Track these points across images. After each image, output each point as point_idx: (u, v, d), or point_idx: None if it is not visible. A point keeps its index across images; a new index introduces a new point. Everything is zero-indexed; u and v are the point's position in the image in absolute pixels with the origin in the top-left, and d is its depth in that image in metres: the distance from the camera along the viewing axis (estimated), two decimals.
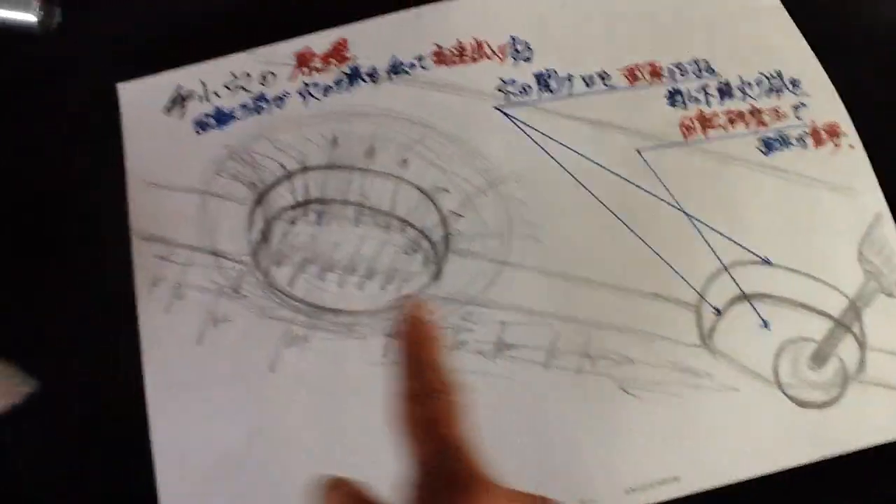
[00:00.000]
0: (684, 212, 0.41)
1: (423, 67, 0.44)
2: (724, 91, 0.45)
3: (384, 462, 0.36)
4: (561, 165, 0.42)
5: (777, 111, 0.44)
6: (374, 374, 0.38)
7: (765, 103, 0.44)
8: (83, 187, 0.44)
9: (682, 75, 0.45)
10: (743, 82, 0.45)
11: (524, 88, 0.44)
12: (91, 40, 0.46)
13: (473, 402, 0.37)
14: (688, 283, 0.40)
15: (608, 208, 0.41)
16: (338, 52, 0.45)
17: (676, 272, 0.40)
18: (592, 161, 0.42)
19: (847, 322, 0.40)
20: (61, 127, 0.44)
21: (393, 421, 0.25)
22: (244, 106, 0.44)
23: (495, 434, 0.37)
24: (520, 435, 0.37)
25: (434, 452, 0.24)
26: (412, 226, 0.41)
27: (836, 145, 0.44)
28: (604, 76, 0.44)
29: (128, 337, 0.40)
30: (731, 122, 0.44)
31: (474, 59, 0.45)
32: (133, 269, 0.41)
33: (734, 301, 0.40)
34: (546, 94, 0.44)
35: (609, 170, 0.42)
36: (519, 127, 0.43)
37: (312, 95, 0.44)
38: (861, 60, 0.46)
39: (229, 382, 0.39)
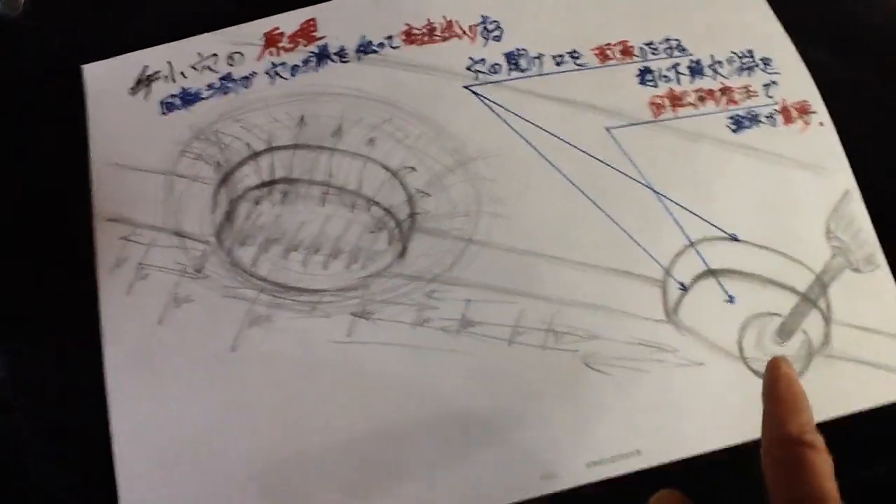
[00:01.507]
0: (652, 189, 0.44)
1: (392, 47, 0.48)
2: (695, 69, 0.48)
3: (347, 439, 0.40)
4: (529, 143, 0.45)
5: (748, 89, 0.47)
6: (339, 352, 0.41)
7: (735, 81, 0.48)
8: (47, 169, 0.46)
9: (654, 54, 0.48)
10: (714, 61, 0.48)
11: (494, 67, 0.47)
12: (57, 21, 0.49)
13: (438, 379, 0.40)
14: (654, 259, 0.43)
15: (576, 186, 0.44)
16: (306, 31, 0.48)
17: (643, 248, 0.43)
18: (561, 139, 0.45)
19: (813, 297, 0.43)
20: (26, 109, 0.47)
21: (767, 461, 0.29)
22: (210, 86, 0.47)
23: (458, 410, 0.40)
24: (483, 411, 0.40)
25: (798, 501, 0.27)
26: (378, 205, 0.44)
27: (805, 123, 0.47)
28: (575, 55, 0.48)
29: (89, 318, 0.42)
30: (702, 100, 0.47)
31: (444, 39, 0.48)
32: (95, 251, 0.44)
33: (700, 277, 0.43)
34: (516, 73, 0.47)
35: (578, 148, 0.45)
36: (488, 106, 0.46)
37: (280, 75, 0.47)
38: (833, 38, 0.50)
39: (191, 363, 0.41)
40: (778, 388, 0.31)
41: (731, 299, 0.43)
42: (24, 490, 0.42)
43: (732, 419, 0.41)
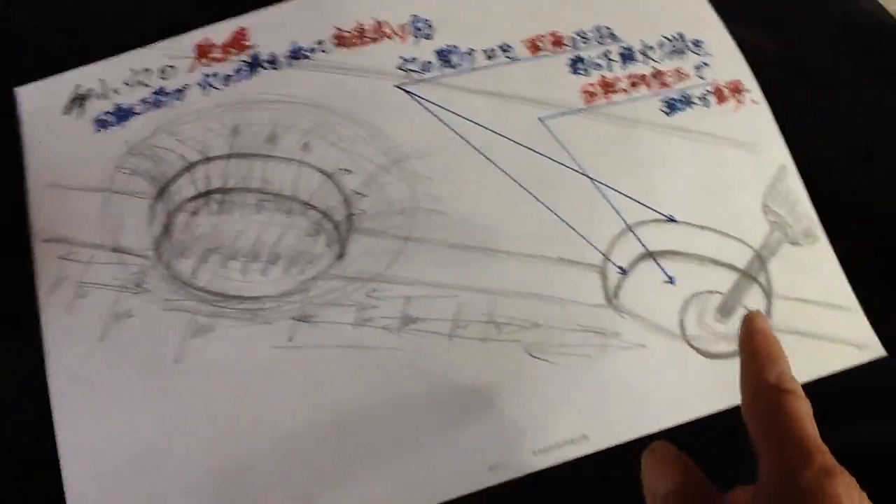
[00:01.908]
0: (588, 176, 0.45)
1: (323, 51, 0.48)
2: (627, 56, 0.49)
3: (294, 443, 0.40)
4: (463, 139, 0.46)
5: (679, 72, 0.48)
6: (281, 357, 0.42)
7: (667, 65, 0.49)
8: None
9: (585, 43, 0.49)
10: (645, 46, 0.49)
11: (425, 65, 0.48)
12: None
13: (381, 377, 0.41)
14: (592, 245, 0.44)
15: (511, 177, 0.45)
16: (237, 41, 0.49)
17: (581, 235, 0.44)
18: (495, 132, 0.46)
19: (753, 273, 0.44)
20: None
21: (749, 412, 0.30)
22: (144, 101, 0.48)
23: (403, 407, 0.41)
24: (427, 406, 0.41)
25: (780, 444, 0.28)
26: (315, 208, 0.45)
27: (738, 102, 0.48)
28: (506, 48, 0.49)
29: (31, 340, 0.43)
30: (634, 85, 0.48)
31: (375, 40, 0.49)
32: (35, 272, 0.44)
33: (639, 260, 0.44)
34: (448, 70, 0.48)
35: (512, 140, 0.46)
36: (421, 104, 0.47)
37: (212, 86, 0.48)
38: (764, 17, 0.51)
39: (134, 378, 0.42)
40: (754, 341, 0.32)
41: (670, 280, 0.43)
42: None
43: (677, 399, 0.41)
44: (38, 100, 0.48)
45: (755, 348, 0.31)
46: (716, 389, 0.41)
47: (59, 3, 0.52)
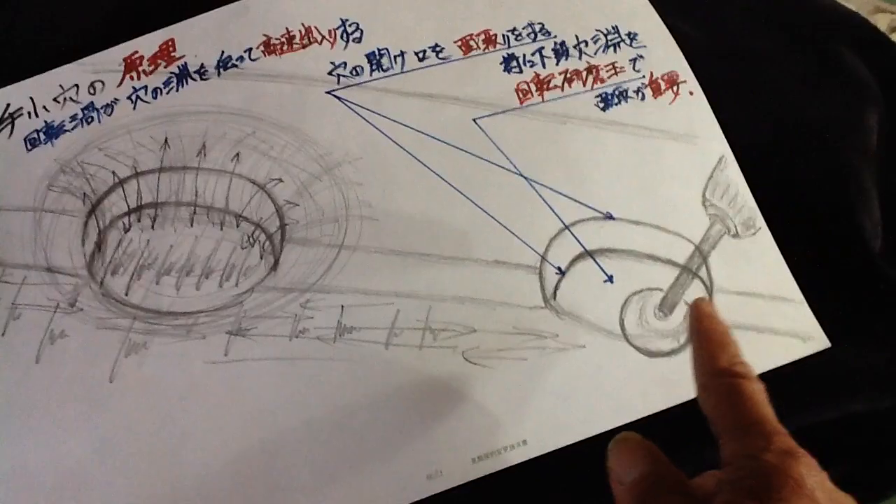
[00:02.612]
0: (523, 176, 0.45)
1: (252, 59, 0.48)
2: (560, 52, 0.48)
3: (230, 458, 0.40)
4: (395, 142, 0.45)
5: (614, 66, 0.48)
6: (216, 372, 0.41)
7: (602, 59, 0.48)
8: None
9: (518, 40, 0.48)
10: (579, 41, 0.48)
11: (356, 70, 0.47)
12: None
13: (317, 389, 0.40)
14: (529, 245, 0.43)
15: (445, 180, 0.44)
16: (165, 52, 0.48)
17: (517, 236, 0.43)
18: (427, 134, 0.45)
19: (693, 267, 0.43)
20: None
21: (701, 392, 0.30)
22: (74, 117, 0.47)
23: (339, 418, 0.40)
24: (364, 417, 0.40)
25: (739, 428, 0.28)
26: (247, 220, 0.44)
27: (675, 93, 0.47)
28: (437, 49, 0.48)
29: None
30: (568, 81, 0.47)
31: (304, 46, 0.48)
32: None
33: (577, 259, 0.43)
34: (378, 73, 0.47)
35: (445, 142, 0.45)
36: (351, 109, 0.46)
37: (142, 99, 0.47)
38: (698, 7, 0.50)
39: (70, 398, 0.41)
40: (703, 327, 0.31)
41: (609, 279, 0.43)
42: None
43: (619, 399, 0.41)
44: None
45: (704, 334, 0.31)
46: (658, 388, 0.41)
47: None
